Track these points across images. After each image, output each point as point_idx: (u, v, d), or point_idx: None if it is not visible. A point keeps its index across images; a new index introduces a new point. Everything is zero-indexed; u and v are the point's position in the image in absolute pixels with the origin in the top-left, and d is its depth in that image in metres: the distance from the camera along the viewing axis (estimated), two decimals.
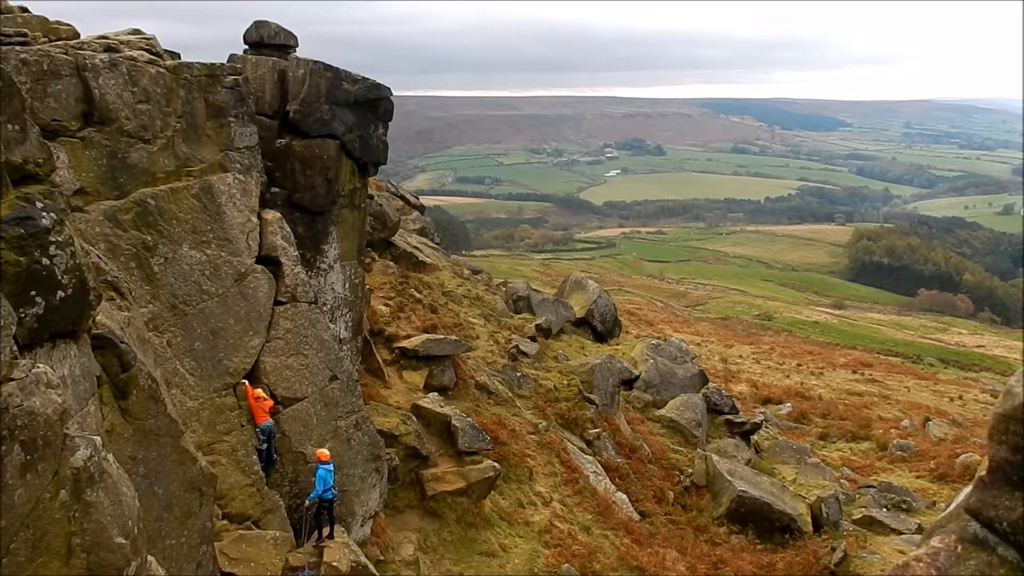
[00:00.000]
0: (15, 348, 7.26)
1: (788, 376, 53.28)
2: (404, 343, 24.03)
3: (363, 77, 20.65)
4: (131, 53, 14.77)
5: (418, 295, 27.79)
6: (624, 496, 24.63)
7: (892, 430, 39.24)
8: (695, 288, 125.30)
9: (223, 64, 16.83)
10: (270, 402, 15.48)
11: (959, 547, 4.01)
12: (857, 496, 28.69)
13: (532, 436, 24.82)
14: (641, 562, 21.16)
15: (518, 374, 27.67)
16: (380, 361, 23.09)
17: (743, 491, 25.14)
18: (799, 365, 57.59)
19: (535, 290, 37.07)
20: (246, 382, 15.25)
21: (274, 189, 19.10)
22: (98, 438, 7.75)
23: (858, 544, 24.38)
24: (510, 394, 26.22)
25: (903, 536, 25.27)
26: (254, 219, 16.05)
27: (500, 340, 29.23)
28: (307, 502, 15.46)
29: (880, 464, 34.74)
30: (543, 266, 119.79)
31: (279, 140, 19.55)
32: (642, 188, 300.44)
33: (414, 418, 21.48)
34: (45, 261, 7.97)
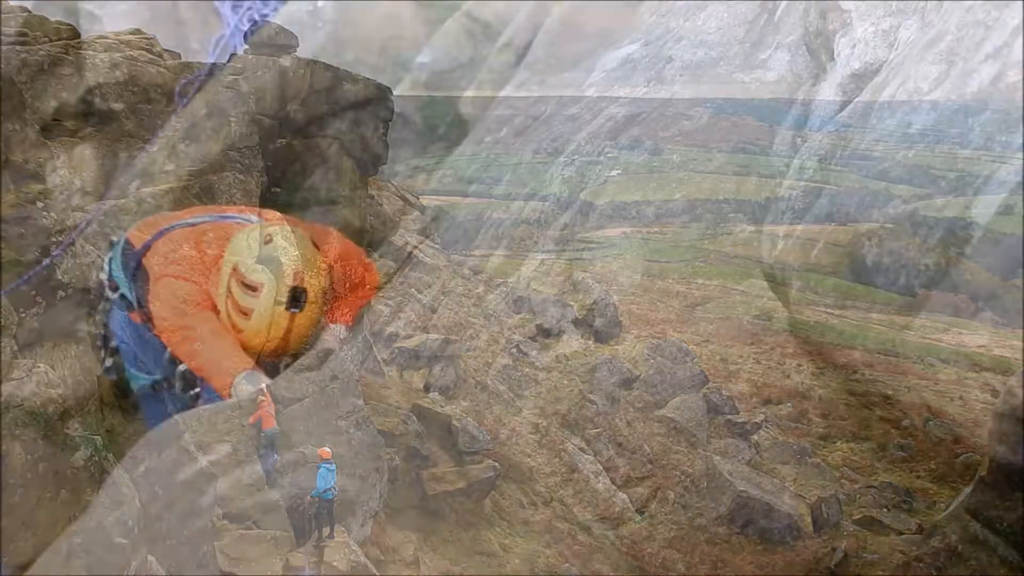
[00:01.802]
0: (16, 348, 7.26)
1: (788, 376, 53.10)
2: (404, 343, 24.03)
3: (364, 77, 20.65)
4: (131, 53, 14.78)
5: (418, 295, 27.79)
6: (624, 496, 24.63)
7: (892, 430, 39.13)
8: (696, 288, 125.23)
9: (223, 64, 16.83)
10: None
11: (959, 547, 4.01)
12: (857, 496, 28.67)
13: (532, 436, 24.82)
14: (641, 562, 21.16)
15: (518, 374, 27.66)
16: (380, 361, 23.08)
17: (743, 491, 25.15)
18: (799, 365, 57.44)
19: (535, 290, 37.05)
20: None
21: (274, 189, 19.08)
22: (98, 438, 7.75)
23: (858, 544, 24.37)
24: (510, 394, 26.22)
25: (903, 536, 25.25)
26: (254, 219, 16.03)
27: (500, 340, 29.23)
28: (308, 498, 15.45)
29: (880, 464, 34.67)
30: (544, 266, 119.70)
31: (279, 140, 19.54)
32: (643, 188, 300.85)
33: (414, 418, 21.47)
34: (45, 261, 7.97)
